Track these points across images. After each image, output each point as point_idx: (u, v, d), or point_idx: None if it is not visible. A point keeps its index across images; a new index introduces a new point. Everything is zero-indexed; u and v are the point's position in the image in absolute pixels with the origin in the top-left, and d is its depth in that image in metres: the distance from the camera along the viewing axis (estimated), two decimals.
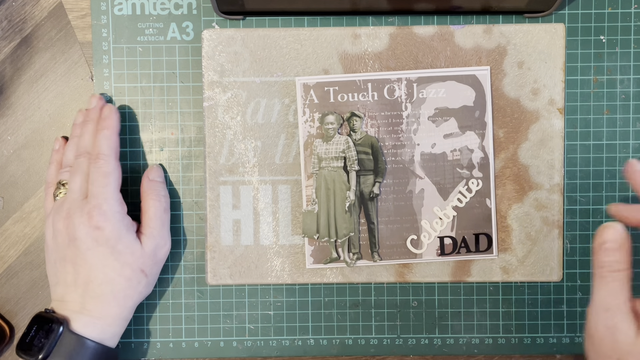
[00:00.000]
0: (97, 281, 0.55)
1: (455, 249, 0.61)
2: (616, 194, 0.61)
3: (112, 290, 0.56)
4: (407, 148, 0.61)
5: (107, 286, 0.55)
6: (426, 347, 0.63)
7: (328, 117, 0.60)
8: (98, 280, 0.55)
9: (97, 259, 0.55)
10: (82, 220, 0.55)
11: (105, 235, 0.55)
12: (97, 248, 0.55)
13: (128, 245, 0.56)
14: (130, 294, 0.57)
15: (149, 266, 0.58)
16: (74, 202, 0.56)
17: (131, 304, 0.57)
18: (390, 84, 0.60)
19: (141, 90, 0.61)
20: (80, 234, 0.55)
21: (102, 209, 0.55)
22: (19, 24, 0.62)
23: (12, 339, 0.63)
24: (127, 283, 0.56)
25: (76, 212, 0.55)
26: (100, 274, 0.55)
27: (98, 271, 0.55)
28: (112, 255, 0.55)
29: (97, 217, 0.55)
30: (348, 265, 0.61)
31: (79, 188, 0.56)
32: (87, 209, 0.55)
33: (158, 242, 0.58)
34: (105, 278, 0.55)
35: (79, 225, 0.55)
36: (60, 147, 0.61)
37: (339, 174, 0.60)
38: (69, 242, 0.55)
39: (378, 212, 0.61)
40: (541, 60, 0.60)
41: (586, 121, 0.61)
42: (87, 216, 0.55)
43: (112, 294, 0.56)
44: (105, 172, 0.56)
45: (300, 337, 0.62)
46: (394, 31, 0.60)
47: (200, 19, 0.61)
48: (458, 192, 0.61)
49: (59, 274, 0.56)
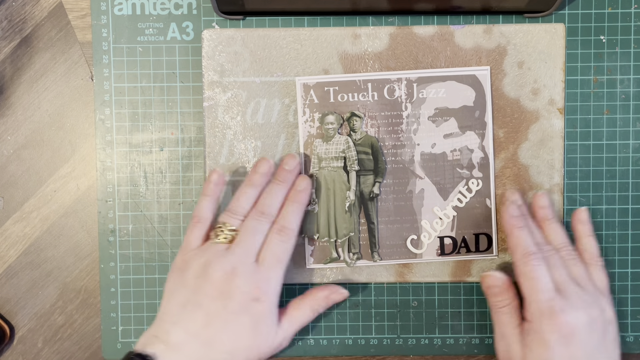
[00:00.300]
0: (222, 347, 0.53)
1: (455, 249, 0.61)
2: (616, 194, 0.61)
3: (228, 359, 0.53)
4: (407, 148, 0.61)
5: (227, 356, 0.53)
6: (426, 347, 0.63)
7: (328, 117, 0.60)
8: (224, 347, 0.53)
9: (236, 326, 0.53)
10: (247, 286, 0.53)
11: (259, 310, 0.54)
12: (243, 317, 0.53)
13: (268, 328, 0.54)
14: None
15: (267, 355, 0.55)
16: (245, 263, 0.54)
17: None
18: (390, 84, 0.60)
19: (141, 90, 0.61)
20: (237, 296, 0.53)
21: (270, 285, 0.54)
22: (19, 24, 0.62)
23: (12, 339, 0.63)
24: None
25: (245, 274, 0.54)
26: (229, 342, 0.53)
27: (228, 338, 0.53)
28: (251, 331, 0.53)
29: (262, 290, 0.54)
30: (348, 265, 0.61)
31: (255, 250, 0.55)
32: (257, 278, 0.54)
33: (285, 340, 0.57)
34: (232, 349, 0.53)
35: (241, 289, 0.53)
36: (219, 182, 0.58)
37: (339, 174, 0.60)
38: (218, 296, 0.53)
39: (378, 212, 0.61)
40: (541, 60, 0.60)
41: (586, 121, 0.61)
42: (254, 284, 0.53)
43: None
44: (287, 248, 0.56)
45: (300, 337, 0.62)
46: (394, 31, 0.60)
47: (200, 19, 0.61)
48: (458, 192, 0.61)
49: (184, 317, 0.53)
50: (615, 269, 0.62)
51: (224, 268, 0.54)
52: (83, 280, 0.63)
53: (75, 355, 0.63)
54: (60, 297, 0.63)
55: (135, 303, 0.62)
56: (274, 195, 0.57)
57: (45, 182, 0.62)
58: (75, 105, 0.62)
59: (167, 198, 0.62)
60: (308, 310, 0.58)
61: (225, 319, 0.53)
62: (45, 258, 0.63)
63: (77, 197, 0.62)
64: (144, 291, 0.62)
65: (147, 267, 0.62)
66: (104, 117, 0.61)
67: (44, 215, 0.62)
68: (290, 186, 0.58)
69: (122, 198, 0.62)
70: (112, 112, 0.61)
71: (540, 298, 0.54)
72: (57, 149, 0.62)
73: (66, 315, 0.63)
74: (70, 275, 0.63)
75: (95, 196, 0.62)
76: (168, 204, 0.62)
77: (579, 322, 0.53)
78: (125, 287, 0.62)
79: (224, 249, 0.55)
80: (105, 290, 0.62)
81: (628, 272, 0.62)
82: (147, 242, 0.62)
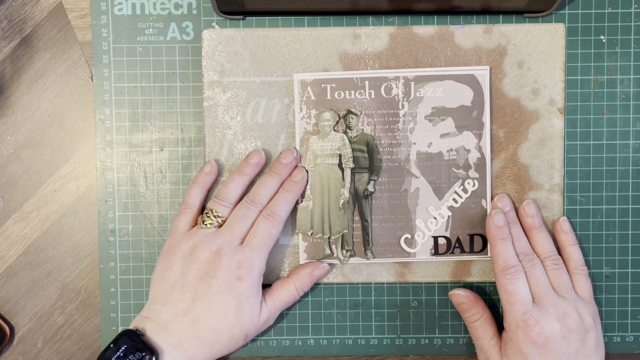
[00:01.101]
0: (208, 324, 0.55)
1: (450, 249, 0.61)
2: (616, 194, 0.61)
3: (214, 338, 0.55)
4: (403, 147, 0.61)
5: (212, 333, 0.55)
6: (426, 347, 0.63)
7: (324, 114, 0.60)
8: (209, 323, 0.55)
9: (220, 304, 0.55)
10: (230, 265, 0.55)
11: (241, 289, 0.55)
12: (227, 296, 0.55)
13: (251, 307, 0.56)
14: (223, 350, 0.56)
15: (252, 334, 0.58)
16: (230, 245, 0.56)
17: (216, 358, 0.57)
18: (388, 82, 0.60)
19: (141, 90, 0.61)
20: (220, 275, 0.55)
21: (252, 264, 0.55)
22: (19, 24, 0.62)
23: (12, 339, 0.63)
24: (229, 340, 0.56)
25: (228, 254, 0.55)
26: (214, 319, 0.55)
27: (213, 316, 0.55)
28: (235, 309, 0.55)
29: (244, 269, 0.55)
30: (341, 262, 0.61)
31: (241, 234, 0.57)
32: (239, 258, 0.55)
33: (270, 318, 0.59)
34: (216, 326, 0.55)
35: (225, 269, 0.55)
36: (211, 172, 0.60)
37: (334, 171, 0.60)
38: (203, 276, 0.55)
39: (372, 210, 0.61)
40: (541, 60, 0.60)
41: (586, 121, 0.61)
42: (236, 264, 0.55)
43: (212, 342, 0.55)
44: (274, 234, 0.57)
45: (300, 337, 0.62)
46: (394, 31, 0.60)
47: (200, 19, 0.61)
48: (454, 192, 0.61)
49: (173, 297, 0.56)
50: (615, 269, 0.62)
51: (210, 249, 0.56)
52: (83, 280, 0.63)
53: (75, 355, 0.63)
54: (60, 297, 0.63)
55: (135, 303, 0.62)
56: (267, 186, 0.58)
57: (45, 182, 0.62)
58: (75, 105, 0.62)
59: (167, 198, 0.62)
60: (292, 289, 0.59)
61: (210, 298, 0.55)
62: (45, 258, 0.63)
63: (77, 197, 0.63)
64: (144, 291, 0.62)
65: (147, 267, 0.62)
66: (104, 117, 0.61)
67: (44, 215, 0.62)
68: (283, 179, 0.59)
69: (122, 198, 0.62)
70: (112, 112, 0.61)
71: (515, 310, 0.55)
72: (57, 149, 0.62)
73: (66, 315, 0.63)
74: (70, 275, 0.63)
75: (95, 196, 0.62)
76: (168, 204, 0.62)
77: (553, 332, 0.55)
78: (125, 287, 0.62)
79: (212, 233, 0.57)
80: (105, 290, 0.62)
81: (628, 272, 0.62)
82: (147, 242, 0.62)
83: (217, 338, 0.55)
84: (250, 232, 0.57)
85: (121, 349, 0.53)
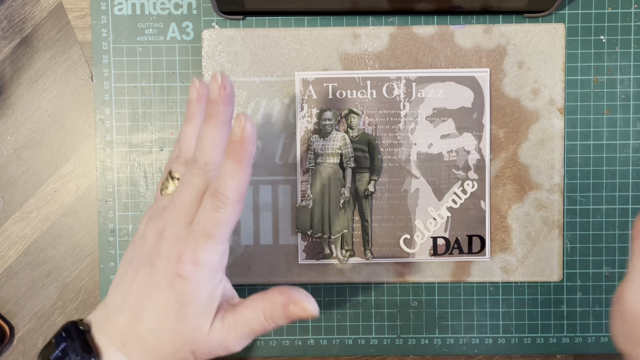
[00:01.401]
0: (148, 324, 0.44)
1: (448, 249, 0.61)
2: (616, 194, 0.61)
3: (156, 345, 0.44)
4: (404, 147, 0.61)
5: (153, 337, 0.44)
6: (426, 347, 0.63)
7: (326, 113, 0.60)
8: (149, 324, 0.44)
9: (160, 302, 0.43)
10: (170, 255, 0.43)
11: (182, 288, 0.42)
12: (166, 293, 0.43)
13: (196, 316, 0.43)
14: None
15: (203, 353, 0.44)
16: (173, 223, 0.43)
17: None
18: (389, 82, 0.60)
19: (141, 90, 0.61)
20: (159, 266, 0.43)
21: (196, 259, 0.42)
22: (19, 24, 0.62)
23: (12, 339, 0.63)
24: (172, 351, 0.44)
25: (169, 238, 0.43)
26: (154, 319, 0.43)
27: (154, 316, 0.43)
28: (176, 313, 0.43)
29: (185, 264, 0.42)
30: (340, 262, 0.61)
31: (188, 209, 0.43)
32: (179, 247, 0.43)
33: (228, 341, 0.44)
34: (156, 329, 0.43)
35: (164, 257, 0.43)
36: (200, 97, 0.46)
37: (334, 170, 0.60)
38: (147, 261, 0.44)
39: (372, 210, 0.61)
40: (541, 60, 0.60)
41: (586, 121, 0.61)
42: (176, 254, 0.42)
43: (154, 349, 0.44)
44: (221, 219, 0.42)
45: (300, 337, 0.62)
46: (394, 31, 0.60)
47: (200, 19, 0.61)
48: (453, 193, 0.61)
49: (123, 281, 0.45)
50: (615, 269, 0.62)
51: (157, 228, 0.44)
52: (83, 280, 0.63)
53: None
54: (60, 297, 0.63)
55: None
56: (206, 139, 0.43)
57: (45, 182, 0.62)
58: (75, 105, 0.62)
59: None
60: (260, 314, 0.44)
61: (150, 292, 0.43)
62: (45, 258, 0.63)
63: (77, 197, 0.63)
64: None
65: None
66: (104, 117, 0.61)
67: (44, 215, 0.62)
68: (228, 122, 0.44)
69: (122, 198, 0.62)
70: (112, 112, 0.61)
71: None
72: (57, 149, 0.62)
73: (66, 315, 0.63)
74: (70, 275, 0.63)
75: (95, 196, 0.62)
76: None
77: None
78: None
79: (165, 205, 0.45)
80: (105, 290, 0.62)
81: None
82: None
83: (159, 345, 0.44)
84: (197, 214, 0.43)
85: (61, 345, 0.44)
